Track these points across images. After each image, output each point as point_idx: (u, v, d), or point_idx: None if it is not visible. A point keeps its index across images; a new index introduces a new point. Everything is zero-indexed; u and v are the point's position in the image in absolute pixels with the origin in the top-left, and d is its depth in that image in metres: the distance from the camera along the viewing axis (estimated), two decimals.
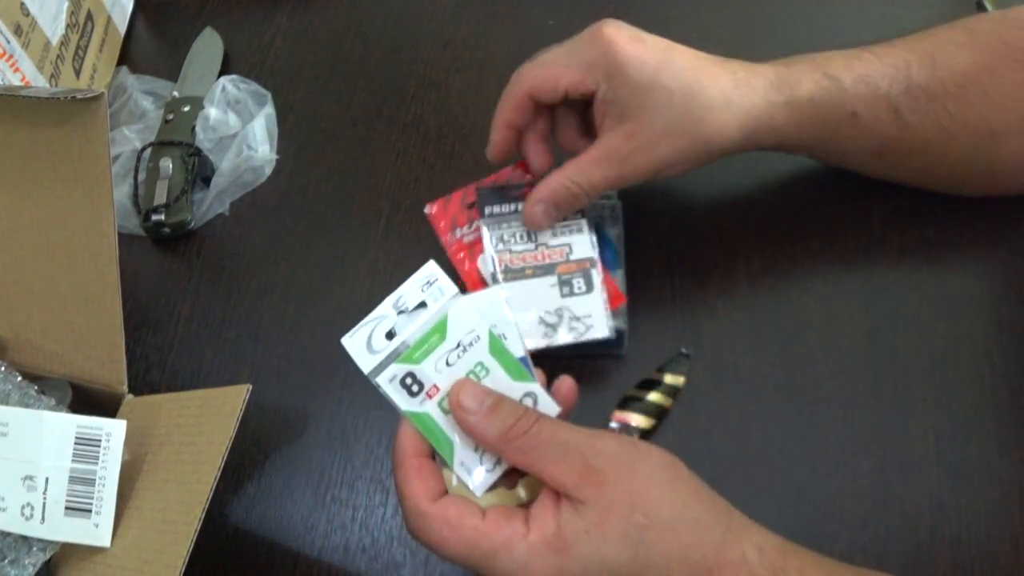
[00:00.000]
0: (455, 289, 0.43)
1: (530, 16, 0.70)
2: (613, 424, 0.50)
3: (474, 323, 0.42)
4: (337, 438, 0.53)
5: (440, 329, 0.42)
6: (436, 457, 0.41)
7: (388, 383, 0.41)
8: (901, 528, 0.47)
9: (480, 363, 0.42)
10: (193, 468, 0.43)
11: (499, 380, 0.42)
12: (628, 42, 0.48)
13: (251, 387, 0.43)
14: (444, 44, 0.70)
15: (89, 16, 0.69)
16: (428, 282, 0.43)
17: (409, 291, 0.43)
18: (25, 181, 0.47)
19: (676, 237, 0.57)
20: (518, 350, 0.42)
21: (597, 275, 0.51)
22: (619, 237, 0.54)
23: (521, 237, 0.53)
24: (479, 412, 0.40)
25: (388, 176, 0.63)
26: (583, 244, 0.52)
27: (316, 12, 0.73)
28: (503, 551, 0.38)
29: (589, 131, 0.52)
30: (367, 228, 0.61)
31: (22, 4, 0.61)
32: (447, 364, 0.42)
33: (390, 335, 0.42)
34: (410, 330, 0.42)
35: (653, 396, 0.51)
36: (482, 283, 0.53)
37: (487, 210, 0.54)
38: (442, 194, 0.57)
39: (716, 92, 0.48)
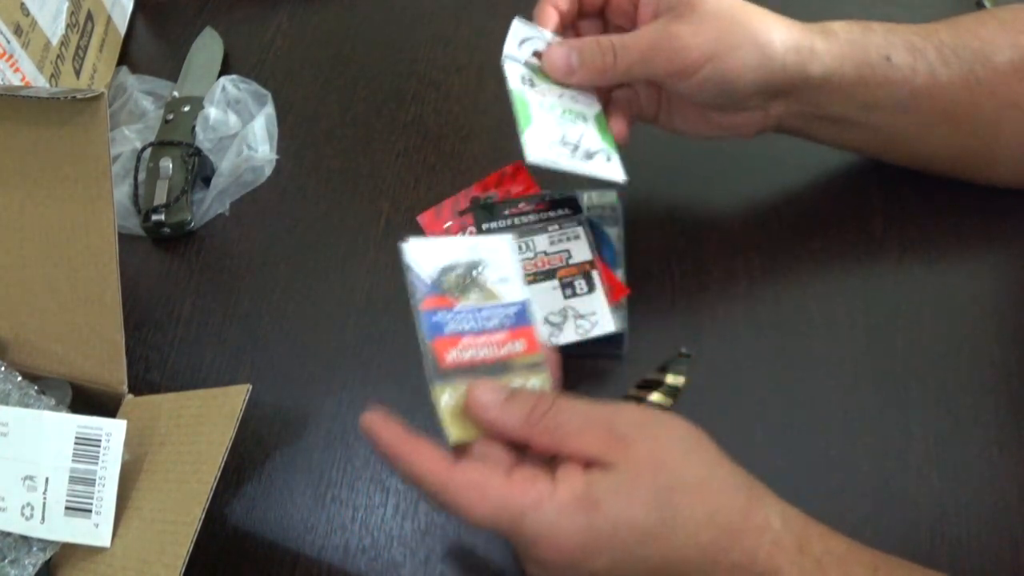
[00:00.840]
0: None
1: (530, 16, 0.70)
2: None
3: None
4: (337, 438, 0.53)
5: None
6: None
7: (513, 59, 0.50)
8: (901, 528, 0.47)
9: (583, 114, 0.50)
10: (193, 468, 0.43)
11: (589, 131, 0.49)
12: None
13: (251, 387, 0.43)
14: (444, 44, 0.70)
15: (89, 16, 0.69)
16: None
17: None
18: (25, 181, 0.47)
19: (676, 237, 0.57)
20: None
21: (597, 275, 0.51)
22: (619, 237, 0.54)
23: (520, 248, 0.53)
24: (496, 404, 0.40)
25: (388, 176, 0.63)
26: (581, 249, 0.52)
27: (316, 12, 0.73)
28: (531, 511, 0.38)
29: None
30: (367, 228, 0.61)
31: (22, 4, 0.61)
32: (560, 94, 0.50)
33: (537, 55, 0.51)
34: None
35: (655, 397, 0.51)
36: None
37: (484, 227, 0.54)
38: (442, 194, 0.57)
39: (757, 9, 0.49)
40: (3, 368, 0.48)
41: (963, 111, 0.51)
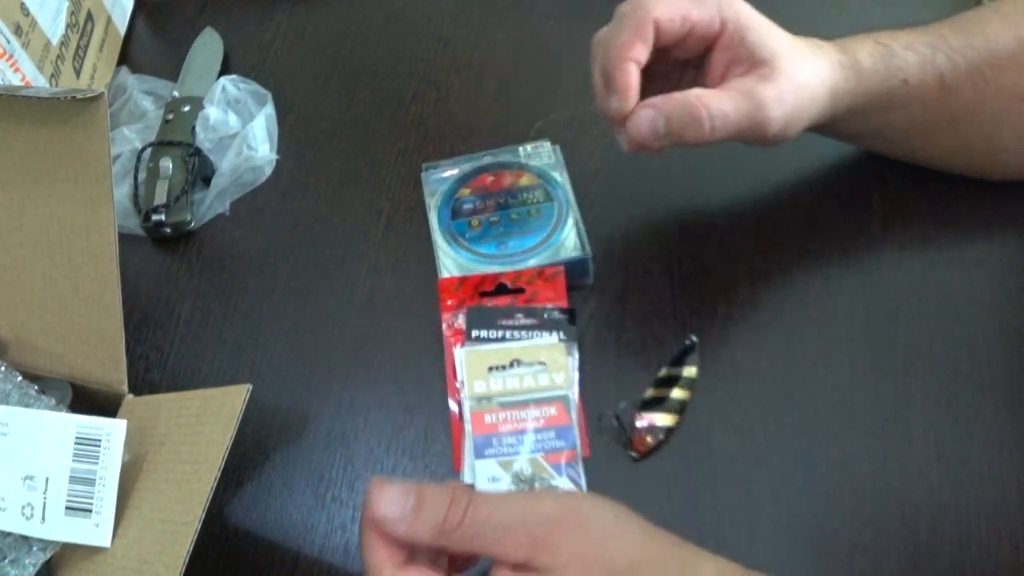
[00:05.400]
0: None
1: (530, 16, 0.70)
2: (640, 423, 0.50)
3: None
4: (337, 438, 0.53)
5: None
6: None
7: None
8: (901, 528, 0.47)
9: None
10: (193, 468, 0.43)
11: None
12: None
13: (251, 387, 0.43)
14: (444, 44, 0.70)
15: (89, 16, 0.69)
16: None
17: None
18: (25, 181, 0.47)
19: (676, 237, 0.57)
20: None
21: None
22: (566, 180, 0.54)
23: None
24: (405, 517, 0.38)
25: (388, 176, 0.63)
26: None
27: (316, 12, 0.73)
28: None
29: None
30: (367, 228, 0.61)
31: (22, 4, 0.61)
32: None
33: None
34: None
35: (676, 393, 0.51)
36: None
37: (473, 333, 0.52)
38: None
39: (807, 48, 0.50)
40: (3, 368, 0.48)
41: (967, 109, 0.52)
